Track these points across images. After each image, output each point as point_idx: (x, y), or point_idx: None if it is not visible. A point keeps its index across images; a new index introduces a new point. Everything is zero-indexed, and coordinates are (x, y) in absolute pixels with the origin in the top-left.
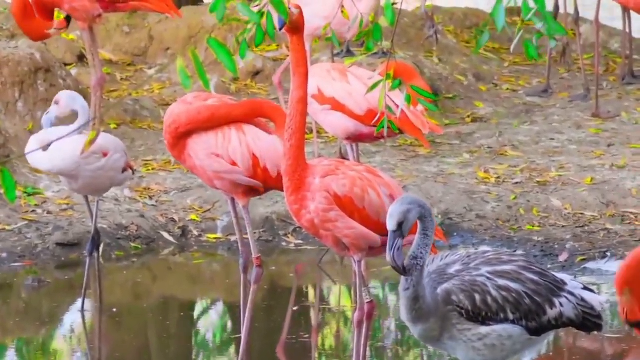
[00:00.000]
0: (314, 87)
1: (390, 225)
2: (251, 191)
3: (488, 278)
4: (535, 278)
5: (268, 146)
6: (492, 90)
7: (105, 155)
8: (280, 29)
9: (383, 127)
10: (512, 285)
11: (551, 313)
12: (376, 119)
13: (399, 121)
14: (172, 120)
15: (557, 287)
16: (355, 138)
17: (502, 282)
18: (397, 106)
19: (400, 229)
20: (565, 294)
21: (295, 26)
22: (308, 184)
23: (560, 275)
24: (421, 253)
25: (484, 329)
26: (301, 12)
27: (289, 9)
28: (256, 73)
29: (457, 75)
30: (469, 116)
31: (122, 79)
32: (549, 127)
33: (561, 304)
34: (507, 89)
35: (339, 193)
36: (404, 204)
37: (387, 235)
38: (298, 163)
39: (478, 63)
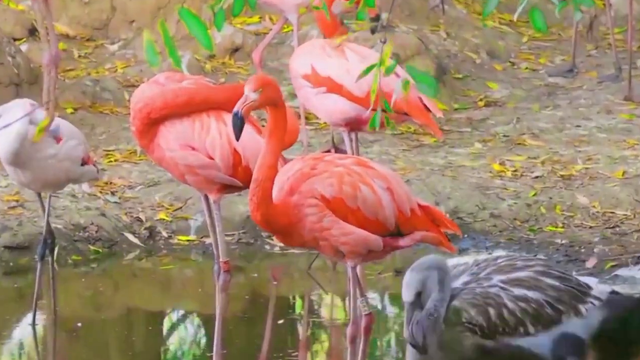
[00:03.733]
0: (307, 65)
1: (407, 296)
2: (227, 187)
3: (502, 288)
4: (556, 283)
5: (251, 140)
6: (508, 70)
7: (58, 141)
8: (237, 137)
9: (380, 111)
10: (530, 294)
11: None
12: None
13: (407, 104)
14: (144, 103)
15: (582, 292)
16: (355, 125)
17: (518, 291)
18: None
19: (419, 299)
20: (592, 300)
21: (271, 103)
22: (289, 216)
23: (585, 279)
24: (438, 310)
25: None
26: (270, 87)
27: (246, 97)
28: (235, 49)
29: (468, 52)
30: (481, 99)
31: (80, 56)
32: (574, 113)
33: (587, 311)
34: (526, 68)
35: (327, 195)
36: (422, 271)
37: (388, 236)
38: (268, 209)
39: (492, 38)
